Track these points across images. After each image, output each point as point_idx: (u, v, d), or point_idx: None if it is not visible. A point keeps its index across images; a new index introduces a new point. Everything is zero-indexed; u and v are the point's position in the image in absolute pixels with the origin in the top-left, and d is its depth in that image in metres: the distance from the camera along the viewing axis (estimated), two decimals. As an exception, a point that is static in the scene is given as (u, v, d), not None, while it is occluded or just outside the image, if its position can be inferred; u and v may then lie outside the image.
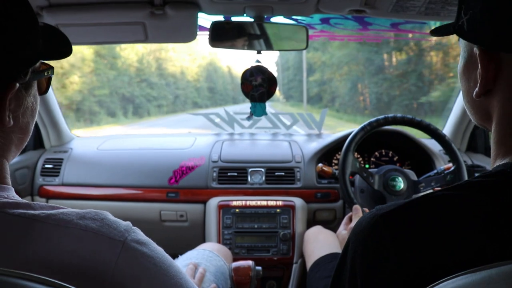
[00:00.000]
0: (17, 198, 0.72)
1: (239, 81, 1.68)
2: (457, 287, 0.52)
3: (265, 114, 1.77)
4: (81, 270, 0.64)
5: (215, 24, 1.51)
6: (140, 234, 0.73)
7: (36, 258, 0.63)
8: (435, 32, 0.84)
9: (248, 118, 1.80)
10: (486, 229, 0.58)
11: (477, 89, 0.68)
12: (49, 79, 0.84)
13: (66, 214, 0.68)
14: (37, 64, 0.75)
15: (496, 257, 0.53)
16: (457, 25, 0.71)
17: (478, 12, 0.65)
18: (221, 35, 1.52)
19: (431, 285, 0.55)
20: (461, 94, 2.21)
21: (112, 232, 0.69)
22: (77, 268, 0.64)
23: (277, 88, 1.72)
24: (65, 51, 0.82)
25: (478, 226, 0.59)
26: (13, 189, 0.73)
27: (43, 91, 0.83)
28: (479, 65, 0.67)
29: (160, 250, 0.75)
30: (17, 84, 0.69)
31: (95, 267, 0.65)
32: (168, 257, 0.76)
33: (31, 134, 0.80)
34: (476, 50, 0.67)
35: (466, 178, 1.75)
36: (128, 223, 0.73)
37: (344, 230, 1.54)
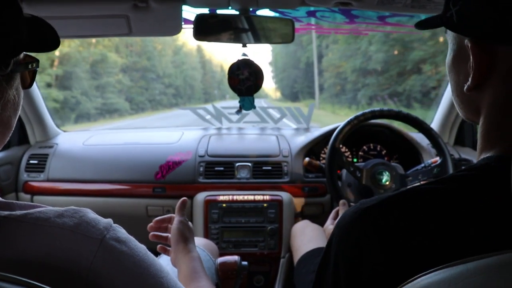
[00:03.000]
0: None
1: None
2: (433, 281, 0.51)
3: (254, 107, 1.75)
4: (57, 269, 0.62)
5: (199, 17, 1.49)
6: (120, 232, 0.70)
7: (11, 258, 0.62)
8: (421, 25, 0.82)
9: (237, 112, 1.79)
10: (468, 222, 0.58)
11: (469, 83, 0.66)
12: (34, 73, 0.80)
13: (43, 213, 0.66)
14: (21, 56, 0.72)
15: (478, 251, 0.52)
16: (445, 17, 0.69)
17: (471, 3, 0.64)
18: (206, 28, 1.50)
19: (408, 280, 0.54)
20: (449, 88, 2.22)
21: (90, 230, 0.67)
22: (53, 267, 0.62)
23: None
24: (52, 44, 0.79)
25: (461, 220, 0.58)
26: None
27: (27, 85, 0.79)
28: (471, 57, 0.65)
29: (141, 248, 0.72)
30: None
31: (71, 266, 0.63)
32: (149, 255, 0.73)
33: (13, 129, 0.77)
34: (467, 42, 0.66)
35: (452, 170, 1.75)
36: (109, 220, 0.71)
37: (331, 224, 1.53)
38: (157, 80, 35.49)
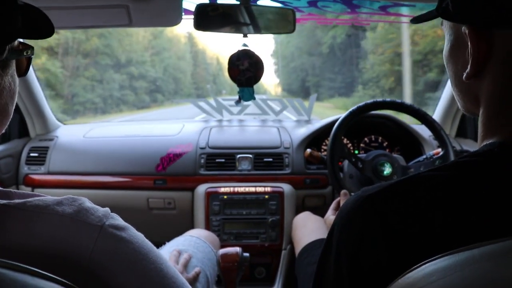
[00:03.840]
0: None
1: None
2: (438, 268, 0.51)
3: (253, 98, 1.75)
4: (57, 255, 0.63)
5: (200, 7, 1.47)
6: (118, 220, 0.71)
7: (11, 245, 0.62)
8: (417, 19, 0.82)
9: (237, 103, 1.78)
10: (472, 208, 0.58)
11: (468, 70, 0.66)
12: (29, 60, 0.81)
13: (42, 200, 0.67)
14: (16, 42, 0.72)
15: (482, 237, 0.52)
16: (441, 7, 0.69)
17: None
18: (206, 19, 1.49)
19: (414, 267, 0.54)
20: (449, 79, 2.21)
21: (89, 217, 0.67)
22: (53, 253, 0.63)
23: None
24: (46, 31, 0.79)
25: (464, 206, 0.58)
26: None
27: (23, 72, 0.80)
28: (469, 45, 0.65)
29: (139, 236, 0.73)
30: None
31: (72, 253, 0.63)
32: (148, 242, 0.74)
33: (11, 117, 0.77)
34: (464, 29, 0.65)
35: None
36: (107, 209, 0.72)
37: (332, 215, 1.53)
38: (117, 69, 25.99)
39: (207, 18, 1.48)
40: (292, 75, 39.69)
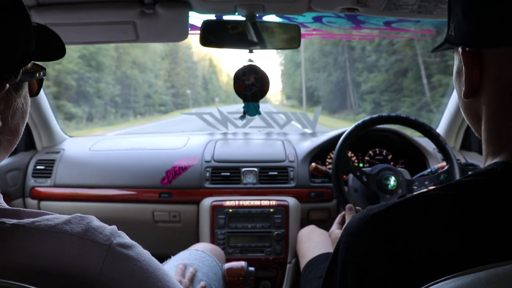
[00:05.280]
0: (3, 205, 0.71)
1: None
2: None
3: (259, 113, 1.76)
4: (67, 275, 0.63)
5: (206, 23, 1.49)
6: (125, 238, 0.72)
7: (19, 265, 0.62)
8: (434, 49, 0.86)
9: (241, 118, 1.79)
10: (476, 230, 0.58)
11: (463, 88, 0.69)
12: (41, 81, 0.82)
13: (50, 220, 0.67)
14: (29, 65, 0.74)
15: (488, 258, 0.52)
16: (448, 35, 0.73)
17: (460, 14, 0.67)
18: (213, 34, 1.50)
19: None
20: (454, 93, 2.22)
21: (97, 236, 0.68)
22: (62, 273, 0.63)
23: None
24: (58, 53, 0.81)
25: (469, 227, 0.58)
26: (1, 195, 0.72)
27: (34, 92, 0.81)
28: (463, 65, 0.68)
29: (146, 254, 0.74)
30: (7, 85, 0.68)
31: (81, 272, 0.64)
32: (154, 260, 0.75)
33: (20, 137, 0.78)
34: (460, 51, 0.69)
35: (459, 177, 1.74)
36: (114, 227, 0.72)
37: (337, 229, 1.53)
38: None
39: (213, 34, 1.50)
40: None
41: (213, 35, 1.51)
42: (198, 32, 1.51)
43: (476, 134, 0.76)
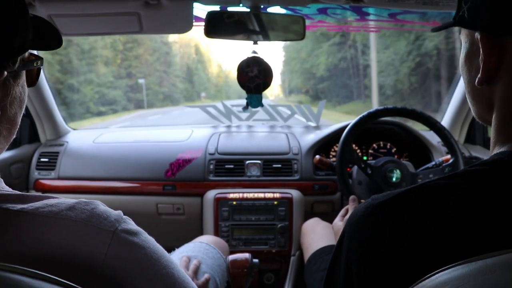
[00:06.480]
0: (7, 190, 0.71)
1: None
2: (452, 277, 0.51)
3: (261, 105, 1.75)
4: (71, 261, 0.63)
5: (210, 15, 1.49)
6: (131, 224, 0.72)
7: (24, 251, 0.63)
8: (436, 28, 0.84)
9: (244, 109, 1.79)
10: (482, 217, 0.58)
11: (479, 75, 0.67)
12: (38, 70, 0.83)
13: (55, 206, 0.67)
14: (26, 54, 0.75)
15: (493, 246, 0.52)
16: (458, 16, 0.70)
17: None
18: (217, 26, 1.50)
19: (425, 276, 0.54)
20: (459, 85, 2.21)
21: (102, 222, 0.68)
22: (66, 259, 0.63)
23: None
24: (55, 43, 0.82)
25: (474, 215, 0.58)
26: (2, 180, 0.72)
27: (32, 82, 0.82)
28: (481, 51, 0.66)
29: (151, 240, 0.74)
30: (5, 73, 0.69)
31: (85, 258, 0.64)
32: (159, 247, 0.75)
33: (18, 126, 0.78)
34: (477, 36, 0.67)
35: None
36: (119, 212, 0.72)
37: (340, 221, 1.53)
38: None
39: (218, 25, 1.49)
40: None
41: (217, 27, 1.50)
42: (203, 23, 1.50)
43: (480, 122, 0.75)
